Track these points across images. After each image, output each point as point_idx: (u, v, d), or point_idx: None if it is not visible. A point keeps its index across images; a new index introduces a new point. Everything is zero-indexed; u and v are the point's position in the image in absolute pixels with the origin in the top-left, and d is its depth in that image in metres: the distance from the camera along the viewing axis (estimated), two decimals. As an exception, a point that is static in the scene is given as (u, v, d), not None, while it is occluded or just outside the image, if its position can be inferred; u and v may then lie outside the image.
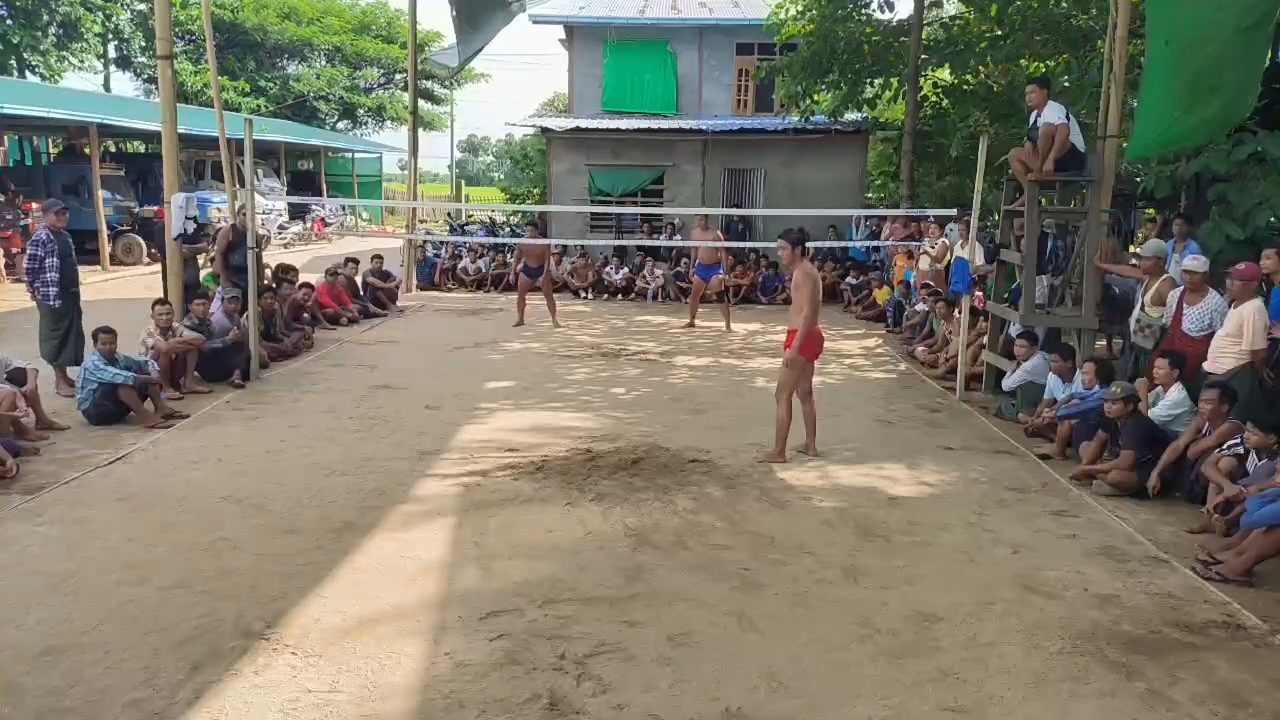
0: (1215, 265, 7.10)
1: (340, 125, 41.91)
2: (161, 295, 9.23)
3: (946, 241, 12.13)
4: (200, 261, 11.12)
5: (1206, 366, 6.34)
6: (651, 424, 7.56)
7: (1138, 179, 10.81)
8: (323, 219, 29.24)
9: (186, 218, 9.36)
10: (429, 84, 38.82)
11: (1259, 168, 7.91)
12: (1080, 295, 8.21)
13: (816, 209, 15.91)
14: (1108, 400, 6.24)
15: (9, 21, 29.23)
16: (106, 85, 37.71)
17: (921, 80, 16.38)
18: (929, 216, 13.33)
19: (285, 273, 11.79)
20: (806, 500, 5.81)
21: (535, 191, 27.16)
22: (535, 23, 20.07)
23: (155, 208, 18.11)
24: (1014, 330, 8.47)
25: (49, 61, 31.35)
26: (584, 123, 18.64)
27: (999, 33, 14.85)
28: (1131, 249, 10.69)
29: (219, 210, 18.72)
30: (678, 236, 17.82)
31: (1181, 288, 6.86)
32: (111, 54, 36.68)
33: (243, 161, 9.82)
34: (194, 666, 3.67)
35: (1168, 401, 6.36)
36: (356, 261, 14.02)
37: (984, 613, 4.29)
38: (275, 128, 29.20)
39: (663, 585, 4.52)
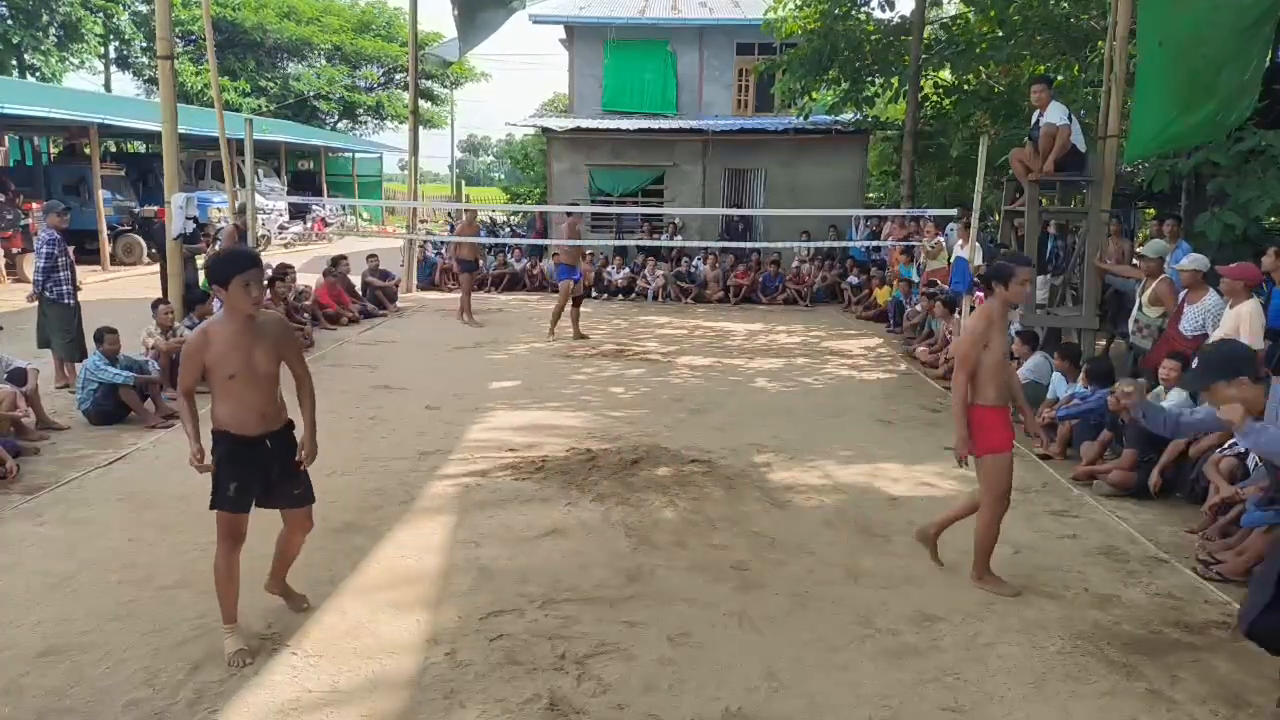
0: (1214, 260, 7.11)
1: (340, 125, 41.93)
2: (161, 295, 9.23)
3: (943, 241, 12.14)
4: (199, 262, 11.12)
5: (1205, 366, 6.33)
6: (652, 424, 7.56)
7: (1138, 178, 10.82)
8: (323, 219, 29.25)
9: (187, 218, 9.36)
10: (429, 83, 38.87)
11: (1259, 162, 7.93)
12: (1081, 295, 8.22)
13: (816, 209, 15.92)
14: (1115, 395, 6.23)
15: (9, 21, 29.24)
16: (107, 85, 37.75)
17: (922, 80, 16.38)
18: (928, 216, 13.34)
19: (283, 273, 11.79)
20: (806, 500, 5.81)
21: (535, 191, 27.19)
22: (535, 23, 20.11)
23: (155, 208, 18.12)
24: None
25: (50, 62, 31.37)
26: (584, 123, 18.65)
27: (1000, 33, 14.86)
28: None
29: (219, 210, 18.72)
30: (679, 236, 17.83)
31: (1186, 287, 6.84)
32: (112, 54, 36.70)
33: (243, 161, 9.83)
34: (194, 666, 3.67)
35: (1168, 403, 6.35)
36: (344, 258, 13.84)
37: (984, 613, 4.29)
38: (275, 128, 29.20)
39: (663, 585, 4.52)
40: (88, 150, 18.76)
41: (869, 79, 16.87)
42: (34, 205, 16.12)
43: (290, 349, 3.82)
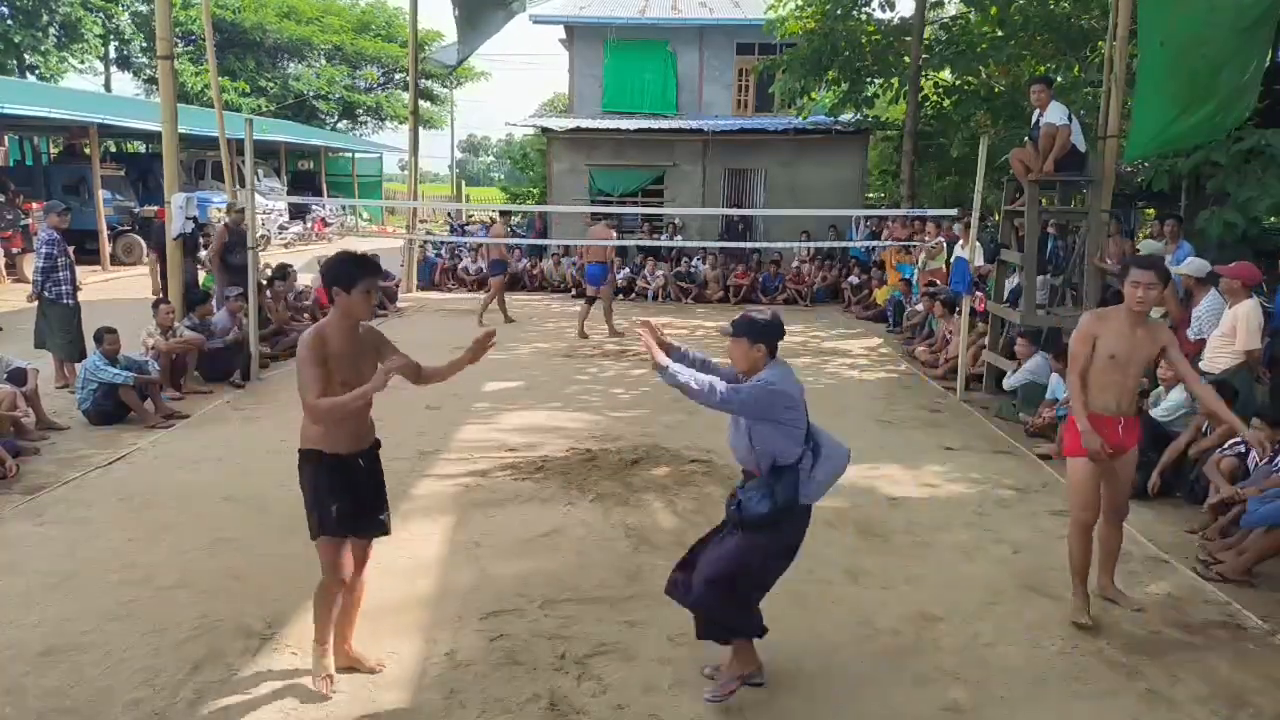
0: (1214, 260, 7.14)
1: (340, 125, 41.92)
2: (155, 294, 9.23)
3: (943, 241, 12.14)
4: (200, 259, 11.11)
5: (1202, 366, 6.34)
6: (651, 424, 7.56)
7: (1138, 178, 10.82)
8: (323, 219, 29.24)
9: (187, 218, 9.36)
10: (429, 83, 38.84)
11: (1259, 161, 7.94)
12: (1081, 295, 8.22)
13: (816, 209, 15.91)
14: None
15: (9, 21, 29.24)
16: (107, 85, 37.74)
17: (922, 80, 16.38)
18: (928, 217, 13.33)
19: (283, 273, 11.80)
20: (806, 500, 5.80)
21: (535, 191, 27.17)
22: (535, 23, 20.08)
23: (155, 208, 18.10)
24: (1017, 329, 8.47)
25: (49, 62, 31.37)
26: (584, 123, 18.64)
27: (1000, 34, 14.86)
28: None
29: (219, 210, 18.71)
30: (679, 237, 17.83)
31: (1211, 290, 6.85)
32: (112, 54, 36.69)
33: (243, 161, 9.82)
34: (194, 666, 3.67)
35: (1169, 403, 6.36)
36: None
37: (984, 613, 4.29)
38: (275, 128, 29.19)
39: (663, 585, 4.51)
40: (88, 150, 18.75)
41: (869, 80, 16.86)
42: (34, 205, 16.12)
43: (389, 348, 3.65)
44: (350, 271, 3.38)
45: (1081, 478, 4.20)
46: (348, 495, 3.43)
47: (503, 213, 14.15)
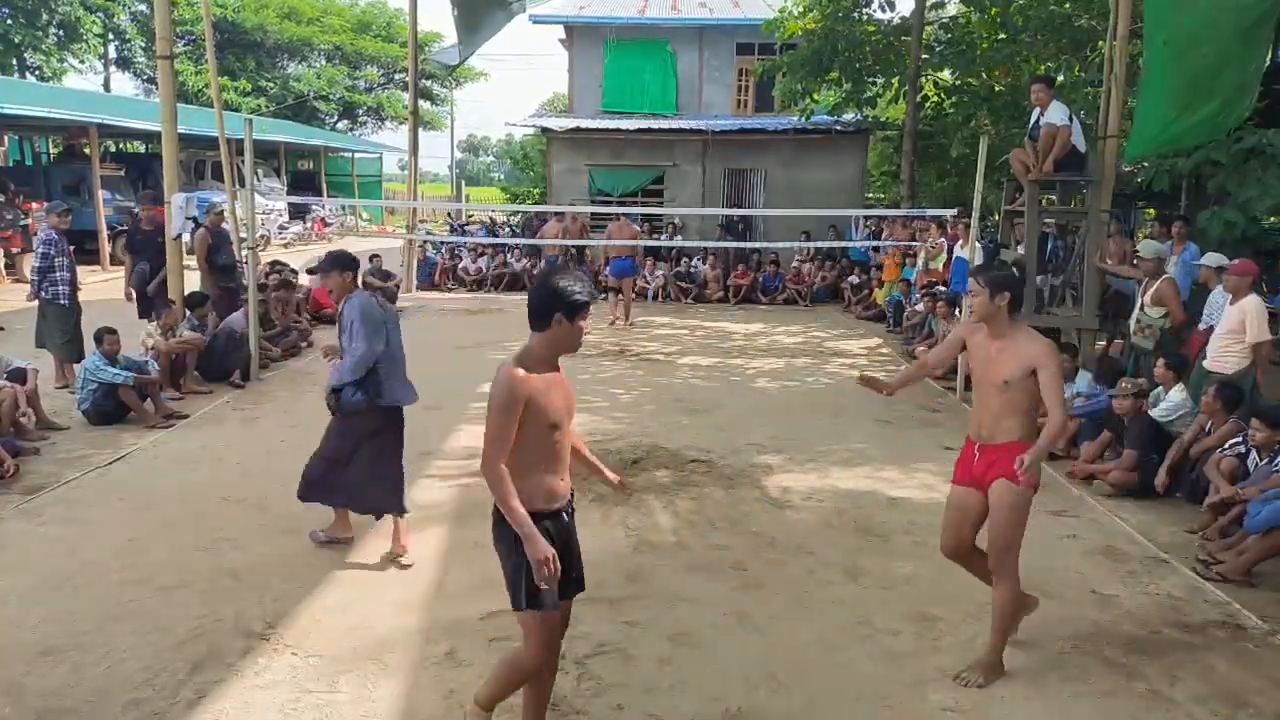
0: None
1: (340, 125, 41.93)
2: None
3: (943, 241, 12.14)
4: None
5: (1208, 366, 6.37)
6: (652, 424, 7.56)
7: (1138, 178, 10.82)
8: (323, 219, 29.24)
9: (186, 218, 9.34)
10: (429, 84, 38.87)
11: (1259, 161, 7.96)
12: (1081, 295, 8.22)
13: (816, 209, 15.91)
14: (1117, 397, 6.25)
15: (9, 21, 29.24)
16: (107, 85, 37.75)
17: (922, 81, 16.37)
18: (927, 216, 13.33)
19: (287, 284, 11.78)
20: (806, 500, 5.81)
21: (535, 191, 27.18)
22: (535, 23, 20.07)
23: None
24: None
25: (50, 61, 31.37)
26: (584, 123, 18.64)
27: (1001, 35, 14.85)
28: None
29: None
30: (679, 237, 17.83)
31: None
32: (112, 54, 36.69)
33: (243, 161, 9.81)
34: (194, 666, 3.67)
35: (1168, 403, 6.37)
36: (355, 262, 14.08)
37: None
38: (275, 128, 29.19)
39: (663, 585, 4.52)
40: (88, 150, 18.75)
41: (870, 80, 16.86)
42: (34, 205, 16.11)
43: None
44: (576, 299, 2.81)
45: (947, 506, 3.85)
46: (559, 557, 2.89)
47: (558, 214, 14.99)
